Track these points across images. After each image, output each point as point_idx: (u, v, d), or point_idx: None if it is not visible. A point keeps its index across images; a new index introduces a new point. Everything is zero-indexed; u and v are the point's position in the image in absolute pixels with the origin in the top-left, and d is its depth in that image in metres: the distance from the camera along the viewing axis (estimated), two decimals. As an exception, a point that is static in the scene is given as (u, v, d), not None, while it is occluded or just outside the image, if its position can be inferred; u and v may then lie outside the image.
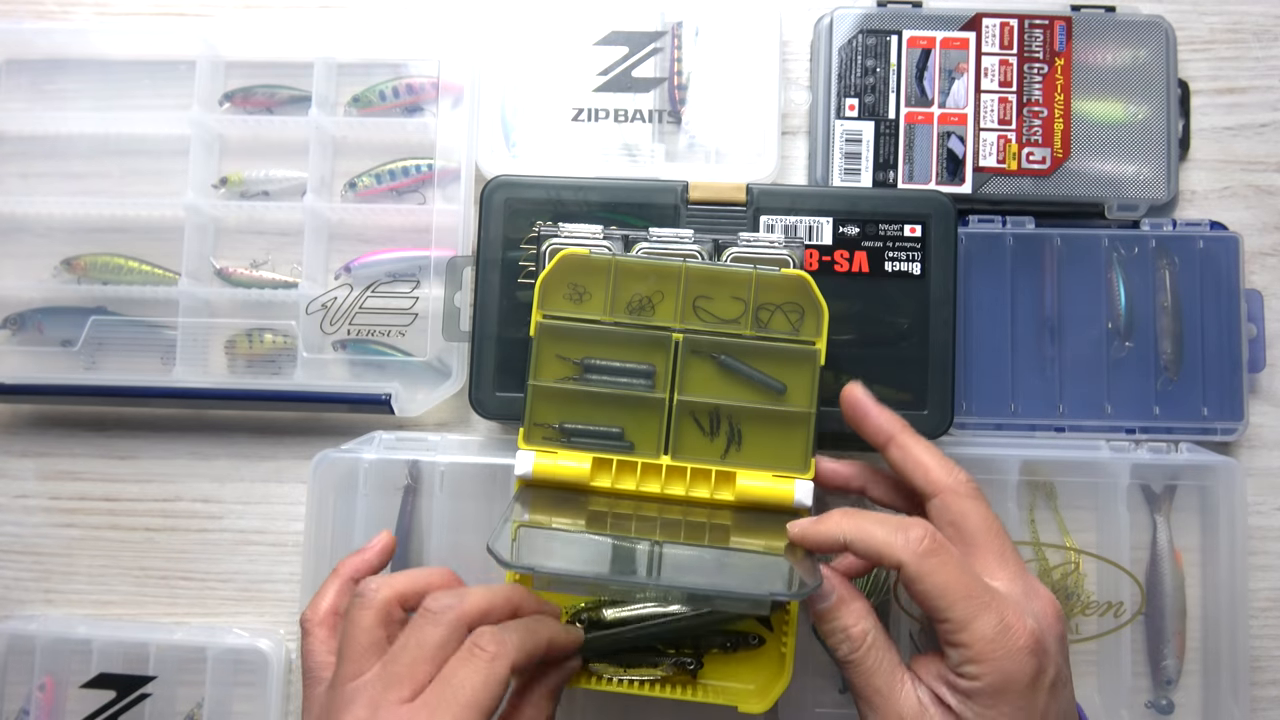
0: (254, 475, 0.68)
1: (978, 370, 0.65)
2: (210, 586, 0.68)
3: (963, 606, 0.44)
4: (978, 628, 0.43)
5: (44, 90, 0.71)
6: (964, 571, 0.45)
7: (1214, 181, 0.69)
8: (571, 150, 0.68)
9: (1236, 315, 0.65)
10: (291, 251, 0.69)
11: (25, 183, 0.70)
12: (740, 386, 0.53)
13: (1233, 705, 0.61)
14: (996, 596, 0.45)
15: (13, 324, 0.68)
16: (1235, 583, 0.62)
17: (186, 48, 0.69)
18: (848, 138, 0.67)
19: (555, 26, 0.69)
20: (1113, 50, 0.67)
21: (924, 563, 0.45)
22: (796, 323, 0.52)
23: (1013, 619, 0.44)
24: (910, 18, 0.68)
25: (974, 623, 0.43)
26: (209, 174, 0.70)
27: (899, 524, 0.46)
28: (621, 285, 0.53)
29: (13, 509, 0.69)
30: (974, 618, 0.43)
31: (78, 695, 0.64)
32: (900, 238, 0.59)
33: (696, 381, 0.52)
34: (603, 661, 0.53)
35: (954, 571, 0.45)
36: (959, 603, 0.44)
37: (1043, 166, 0.66)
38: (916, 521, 0.46)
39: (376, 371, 0.67)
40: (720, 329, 0.52)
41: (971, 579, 0.45)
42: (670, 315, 0.53)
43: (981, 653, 0.43)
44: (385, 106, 0.70)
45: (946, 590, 0.44)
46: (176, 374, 0.66)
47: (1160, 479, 0.65)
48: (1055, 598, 0.47)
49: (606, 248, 0.56)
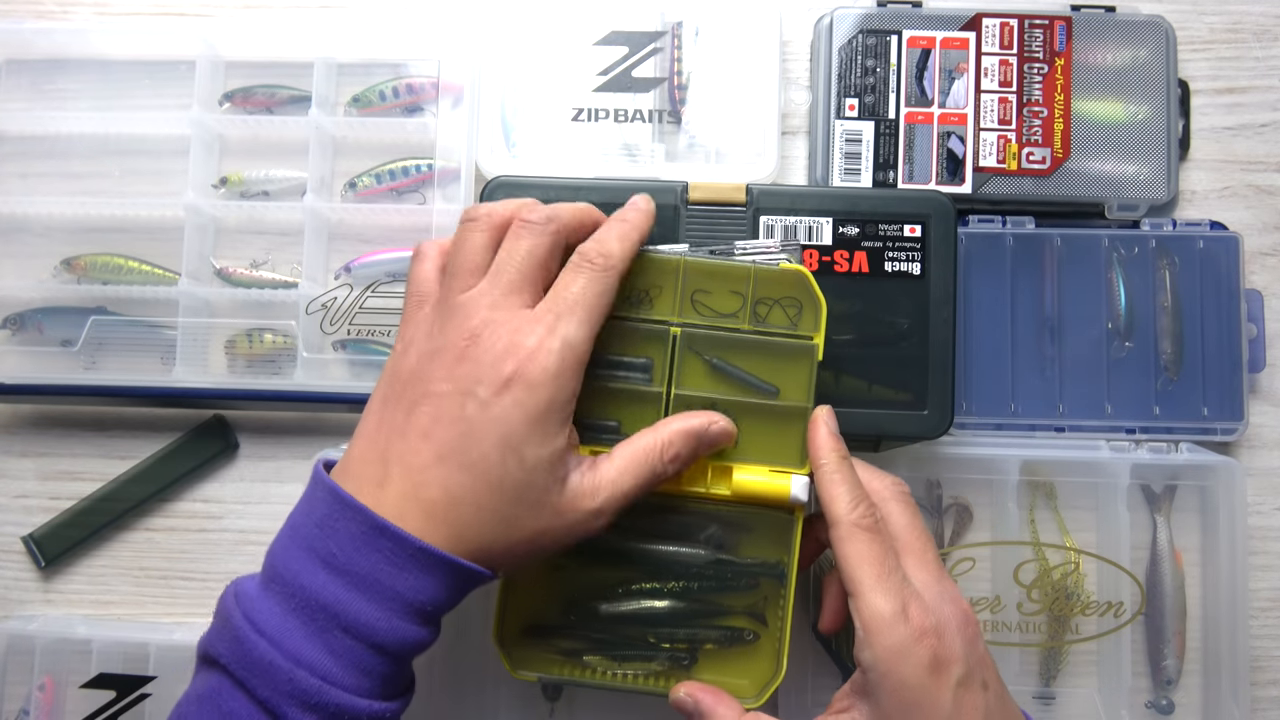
0: (254, 475, 0.68)
1: (978, 370, 0.65)
2: (210, 586, 0.68)
3: (870, 584, 0.45)
4: (878, 608, 0.45)
5: (44, 90, 0.71)
6: (887, 557, 0.46)
7: (1214, 181, 0.69)
8: (571, 150, 0.68)
9: (1236, 315, 0.65)
10: (291, 251, 0.69)
11: (25, 183, 0.70)
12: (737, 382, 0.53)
13: (1233, 705, 0.61)
14: (907, 587, 0.46)
15: (13, 324, 0.68)
16: (1235, 583, 0.62)
17: (186, 48, 0.69)
18: (848, 138, 0.67)
19: (555, 26, 0.69)
20: (1113, 50, 0.67)
21: (853, 532, 0.47)
22: (795, 318, 0.52)
23: (914, 610, 0.45)
24: (910, 18, 0.68)
25: (876, 603, 0.45)
26: (209, 174, 0.70)
27: (860, 496, 0.48)
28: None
29: (13, 509, 0.69)
30: (876, 597, 0.45)
31: (77, 695, 0.64)
32: (900, 238, 0.59)
33: (693, 376, 0.52)
34: (597, 655, 0.53)
35: (877, 551, 0.46)
36: (868, 579, 0.45)
37: (1043, 166, 0.66)
38: (874, 502, 0.48)
39: (376, 371, 0.67)
40: (718, 323, 0.52)
41: (891, 566, 0.46)
42: (669, 309, 0.53)
43: (875, 634, 0.44)
44: (385, 106, 0.70)
45: (862, 564, 0.46)
46: (176, 374, 0.66)
47: (1160, 479, 0.65)
48: (969, 606, 0.48)
49: None
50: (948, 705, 0.44)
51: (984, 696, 0.45)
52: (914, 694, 0.44)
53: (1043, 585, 0.64)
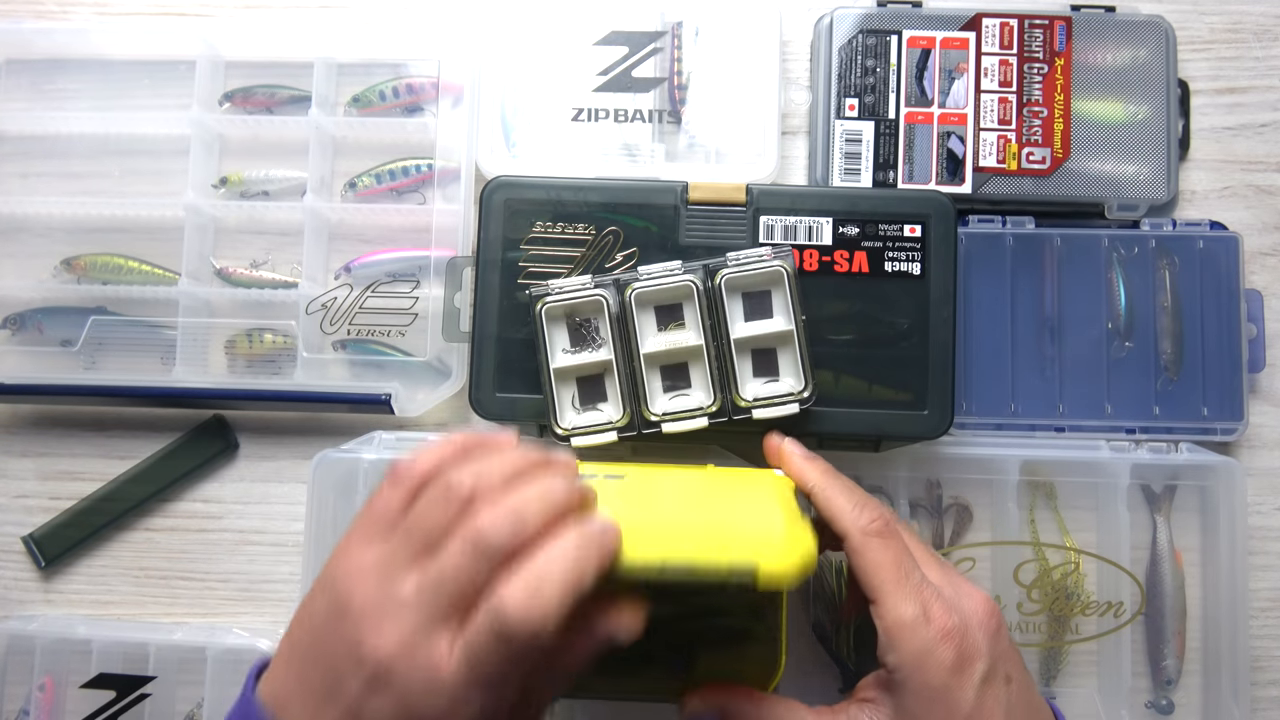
0: (254, 475, 0.68)
1: (978, 370, 0.65)
2: (210, 586, 0.68)
3: (890, 589, 0.45)
4: (900, 613, 0.44)
5: (44, 90, 0.71)
6: (904, 559, 0.46)
7: (1214, 181, 0.69)
8: (571, 150, 0.68)
9: (1236, 315, 0.65)
10: (291, 251, 0.69)
11: (25, 183, 0.70)
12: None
13: (1233, 705, 0.61)
14: (926, 587, 0.46)
15: (13, 324, 0.68)
16: (1235, 583, 0.62)
17: (186, 48, 0.69)
18: (848, 138, 0.67)
19: (555, 26, 0.69)
20: (1113, 50, 0.67)
21: (867, 541, 0.46)
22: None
23: (936, 610, 0.45)
24: (910, 18, 0.68)
25: (898, 608, 0.45)
26: (209, 174, 0.70)
27: (863, 501, 0.48)
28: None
29: (13, 509, 0.69)
30: (898, 602, 0.45)
31: (78, 695, 0.64)
32: (900, 238, 0.59)
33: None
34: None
35: (892, 556, 0.46)
36: (887, 584, 0.45)
37: (1043, 166, 0.66)
38: (878, 505, 0.48)
39: (376, 371, 0.67)
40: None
41: (908, 568, 0.46)
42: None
43: (898, 638, 0.44)
44: (385, 106, 0.70)
45: (879, 570, 0.45)
46: (176, 374, 0.66)
47: (1160, 479, 0.65)
48: (989, 597, 0.47)
49: (602, 297, 0.56)
50: (970, 702, 0.44)
51: (1006, 691, 0.45)
52: (937, 693, 0.44)
53: (1043, 585, 0.64)
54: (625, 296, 0.56)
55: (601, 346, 0.57)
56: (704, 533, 0.44)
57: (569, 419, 0.57)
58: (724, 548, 0.42)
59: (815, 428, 0.57)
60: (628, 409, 0.57)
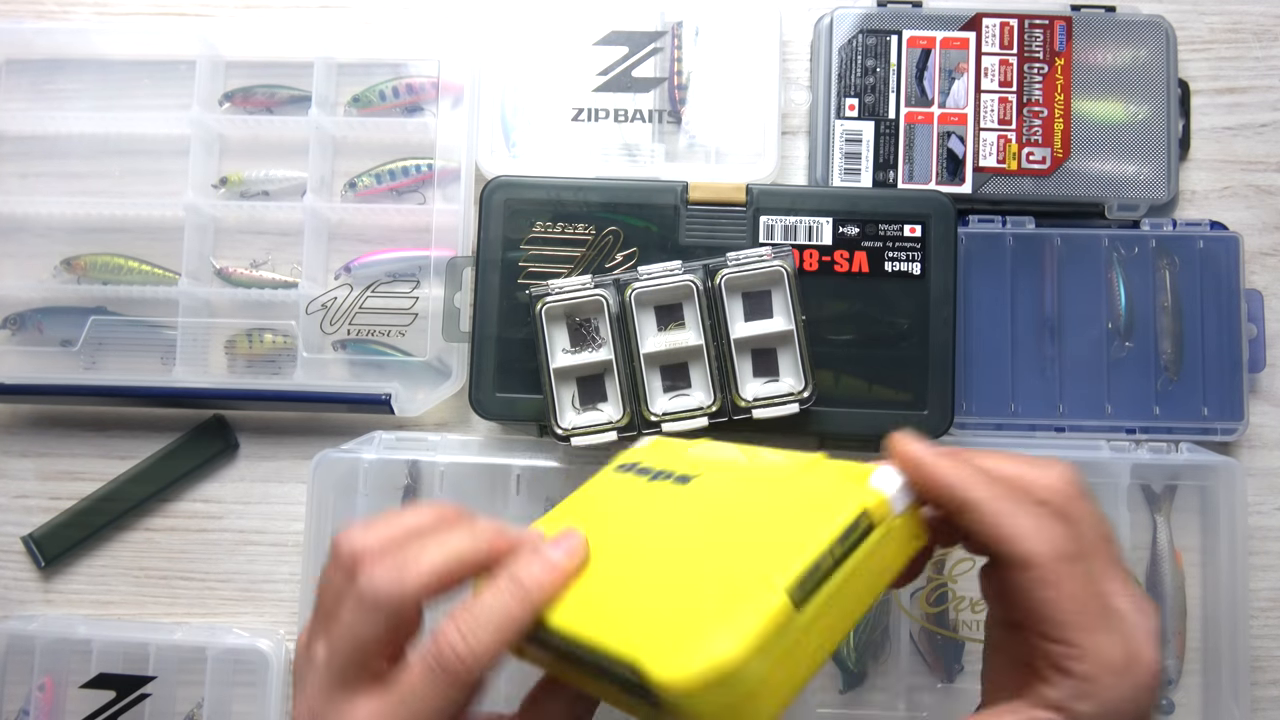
0: (254, 475, 0.68)
1: (978, 370, 0.65)
2: (210, 586, 0.68)
3: (1090, 629, 0.35)
4: (1106, 658, 0.35)
5: (44, 90, 0.71)
6: (1093, 584, 0.36)
7: (1214, 181, 0.69)
8: (571, 150, 0.68)
9: (1236, 315, 0.65)
10: (291, 251, 0.69)
11: (25, 183, 0.70)
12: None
13: (1233, 705, 0.61)
14: (1121, 619, 0.36)
15: (13, 324, 0.68)
16: (1235, 583, 0.62)
17: (186, 48, 0.69)
18: (848, 138, 0.67)
19: (555, 26, 0.69)
20: (1113, 50, 0.67)
21: (1060, 568, 0.35)
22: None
23: (1139, 647, 0.36)
24: (910, 18, 0.68)
25: (1101, 651, 0.35)
26: (209, 174, 0.70)
27: (1042, 514, 0.36)
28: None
29: (13, 509, 0.69)
30: (1100, 645, 0.35)
31: (77, 695, 0.64)
32: (900, 238, 0.59)
33: None
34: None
35: (1090, 586, 0.36)
36: (1085, 623, 0.35)
37: (1043, 166, 0.66)
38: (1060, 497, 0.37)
39: (376, 371, 0.67)
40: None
41: (1101, 596, 0.36)
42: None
43: (1102, 686, 0.35)
44: (385, 106, 0.70)
45: (1075, 606, 0.35)
46: (176, 374, 0.66)
47: (1160, 479, 0.65)
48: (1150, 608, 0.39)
49: (602, 297, 0.56)
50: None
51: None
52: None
53: (1043, 585, 0.64)
54: (625, 296, 0.56)
55: (601, 346, 0.57)
56: (656, 601, 0.35)
57: (569, 419, 0.57)
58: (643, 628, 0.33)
59: (815, 428, 0.57)
60: (628, 409, 0.57)
